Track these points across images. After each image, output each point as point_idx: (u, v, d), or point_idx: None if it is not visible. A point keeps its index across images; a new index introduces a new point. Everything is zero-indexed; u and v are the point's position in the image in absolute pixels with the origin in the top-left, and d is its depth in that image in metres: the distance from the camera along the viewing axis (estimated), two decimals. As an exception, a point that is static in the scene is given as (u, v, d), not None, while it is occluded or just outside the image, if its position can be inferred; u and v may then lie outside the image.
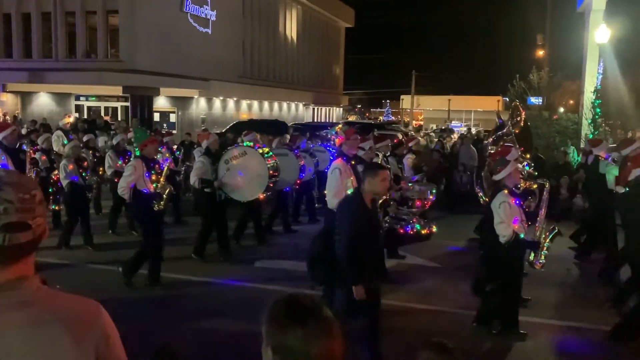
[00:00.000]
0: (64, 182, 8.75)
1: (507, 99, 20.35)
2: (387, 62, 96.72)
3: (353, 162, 6.50)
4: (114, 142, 10.50)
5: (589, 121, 14.47)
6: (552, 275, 7.69)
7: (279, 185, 9.42)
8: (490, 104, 57.36)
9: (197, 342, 5.61)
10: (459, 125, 51.75)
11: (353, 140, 6.72)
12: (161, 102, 30.40)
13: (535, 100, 19.55)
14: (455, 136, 23.98)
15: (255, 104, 40.19)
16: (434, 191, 8.81)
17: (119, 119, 26.46)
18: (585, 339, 5.96)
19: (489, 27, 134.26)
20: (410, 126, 49.22)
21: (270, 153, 8.98)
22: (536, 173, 8.23)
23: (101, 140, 13.96)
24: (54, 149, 11.93)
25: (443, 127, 42.37)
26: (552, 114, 17.65)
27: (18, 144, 8.70)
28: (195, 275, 7.78)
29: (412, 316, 6.50)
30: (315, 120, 46.85)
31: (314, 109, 51.10)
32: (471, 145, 14.21)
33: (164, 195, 7.16)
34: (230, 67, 32.83)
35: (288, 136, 15.78)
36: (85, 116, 26.75)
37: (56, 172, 9.51)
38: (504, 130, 8.70)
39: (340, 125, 6.90)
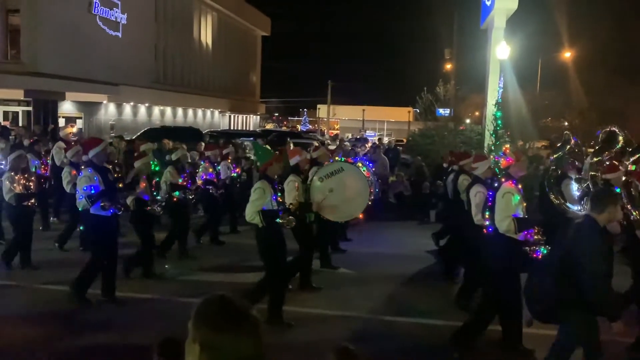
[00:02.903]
0: (67, 187, 8.84)
1: (417, 110, 21.12)
2: (304, 72, 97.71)
3: (520, 186, 6.02)
4: (174, 157, 9.32)
5: (491, 132, 15.28)
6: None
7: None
8: (401, 114, 59.32)
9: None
10: (373, 134, 53.06)
11: (523, 162, 6.09)
12: (67, 107, 28.91)
13: (443, 111, 20.42)
14: (368, 145, 24.54)
15: (169, 110, 39.21)
16: None
17: (20, 124, 24.85)
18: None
19: (402, 41, 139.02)
20: (327, 135, 49.92)
21: (365, 168, 8.07)
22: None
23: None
24: (56, 162, 11.02)
25: (358, 137, 43.27)
26: (457, 124, 18.53)
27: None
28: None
29: (331, 324, 6.57)
30: (232, 128, 46.40)
31: (230, 116, 50.59)
32: (382, 154, 14.62)
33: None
34: (142, 72, 31.86)
35: (203, 144, 15.53)
36: (-19, 121, 24.94)
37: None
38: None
39: (508, 146, 6.22)
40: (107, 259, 6.78)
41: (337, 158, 8.54)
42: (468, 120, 24.96)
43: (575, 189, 7.29)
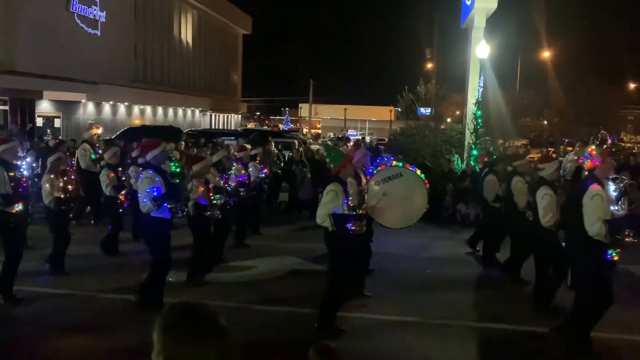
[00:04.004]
0: (107, 190, 8.73)
1: (399, 110, 21.20)
2: (286, 71, 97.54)
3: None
4: (215, 159, 9.19)
5: (471, 131, 15.42)
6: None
7: None
8: (383, 113, 59.48)
9: None
10: (355, 133, 53.16)
11: (609, 164, 5.92)
12: (44, 107, 28.46)
13: (424, 110, 20.53)
14: (350, 144, 24.58)
15: (149, 109, 38.84)
16: None
17: (-4, 123, 24.43)
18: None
19: (383, 40, 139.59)
20: (309, 134, 49.89)
21: (423, 175, 7.74)
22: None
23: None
24: (81, 164, 10.74)
25: (340, 136, 43.34)
26: (438, 124, 18.64)
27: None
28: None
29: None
30: (213, 127, 46.11)
31: (211, 115, 50.27)
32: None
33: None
34: (121, 71, 31.50)
35: (183, 143, 15.41)
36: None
37: (124, 191, 8.88)
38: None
39: (593, 147, 5.97)
40: (168, 262, 6.59)
41: (395, 163, 8.07)
42: (449, 119, 25.14)
43: (612, 189, 7.28)
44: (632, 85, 46.23)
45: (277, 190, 15.00)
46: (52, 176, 7.66)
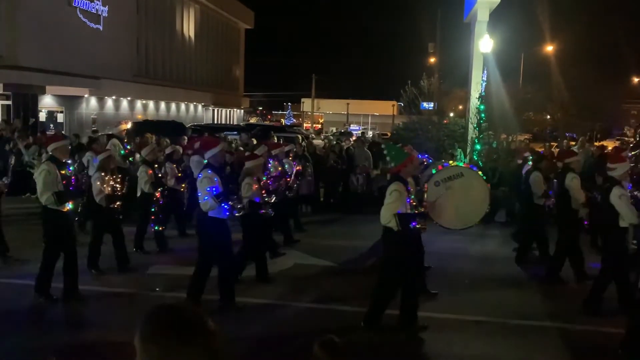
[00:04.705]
0: (145, 187, 8.55)
1: (401, 104, 21.16)
2: (288, 65, 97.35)
3: None
4: (274, 153, 9.12)
5: (475, 126, 15.38)
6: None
7: None
8: (385, 108, 59.48)
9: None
10: (358, 128, 53.16)
11: None
12: (47, 101, 28.52)
13: (427, 105, 20.49)
14: (353, 139, 24.62)
15: (151, 104, 38.87)
16: None
17: (0, 118, 24.47)
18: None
19: (385, 34, 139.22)
20: (311, 129, 49.87)
21: (484, 176, 7.57)
22: None
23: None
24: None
25: (342, 131, 43.34)
26: (441, 118, 18.60)
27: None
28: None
29: (315, 316, 6.58)
30: (215, 122, 46.13)
31: (213, 110, 50.29)
32: (365, 148, 14.63)
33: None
34: (123, 66, 31.52)
35: (186, 137, 15.42)
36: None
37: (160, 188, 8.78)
38: None
39: None
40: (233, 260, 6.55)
41: (453, 163, 7.99)
42: (452, 114, 25.09)
43: None
44: (635, 80, 46.07)
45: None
46: (102, 174, 7.60)
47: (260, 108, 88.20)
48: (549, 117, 33.96)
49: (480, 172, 7.40)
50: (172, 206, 9.67)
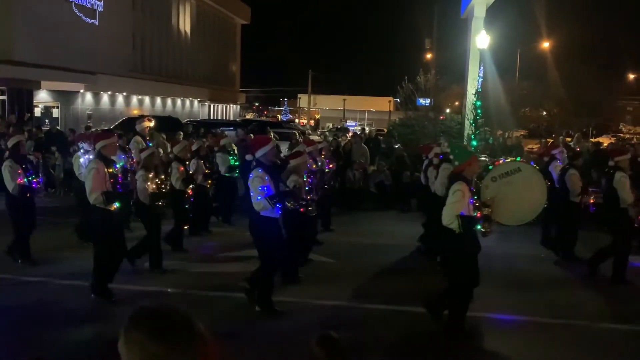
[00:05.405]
0: (177, 184, 8.41)
1: (398, 100, 21.16)
2: (284, 61, 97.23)
3: None
4: (307, 150, 8.94)
5: (471, 122, 15.39)
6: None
7: None
8: (382, 104, 59.41)
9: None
10: (354, 124, 53.12)
11: None
12: (43, 96, 28.38)
13: (423, 101, 20.50)
14: (350, 135, 24.64)
15: (147, 99, 38.73)
16: None
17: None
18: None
19: (382, 30, 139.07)
20: (307, 125, 49.83)
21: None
22: None
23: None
24: (134, 156, 10.48)
25: (339, 126, 43.32)
26: (438, 114, 18.62)
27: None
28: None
29: (316, 312, 6.58)
30: (212, 118, 46.02)
31: (210, 106, 50.16)
32: (363, 144, 14.64)
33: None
34: (119, 61, 31.38)
35: (182, 133, 15.38)
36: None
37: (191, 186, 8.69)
38: None
39: None
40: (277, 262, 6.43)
41: (511, 158, 7.79)
42: (448, 110, 25.10)
43: None
44: (631, 76, 46.14)
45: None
46: (146, 172, 7.49)
47: (257, 104, 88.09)
48: (545, 113, 33.99)
49: (537, 167, 7.27)
50: (200, 203, 9.57)
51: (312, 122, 59.09)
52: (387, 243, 9.98)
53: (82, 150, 9.05)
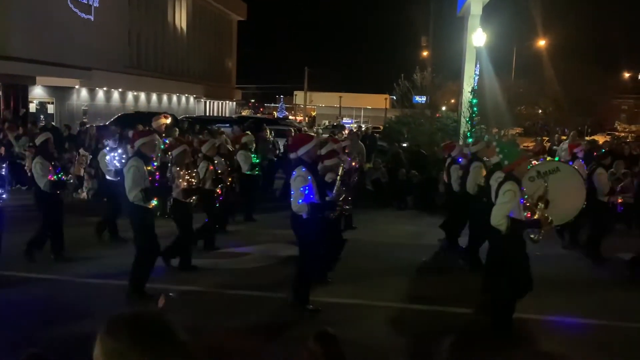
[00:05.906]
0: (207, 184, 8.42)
1: (394, 97, 21.17)
2: (281, 58, 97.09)
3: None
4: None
5: (467, 119, 15.43)
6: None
7: None
8: (378, 101, 59.45)
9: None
10: (350, 121, 53.16)
11: None
12: (38, 92, 28.27)
13: (419, 99, 20.52)
14: (346, 132, 24.65)
15: (143, 95, 38.63)
16: None
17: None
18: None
19: (378, 28, 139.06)
20: (303, 122, 49.80)
21: None
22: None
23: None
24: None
25: (335, 124, 43.35)
26: (434, 112, 18.65)
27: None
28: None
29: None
30: (208, 114, 45.93)
31: (205, 102, 50.07)
32: (359, 141, 14.65)
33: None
34: (115, 57, 31.25)
35: (177, 130, 15.34)
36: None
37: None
38: None
39: None
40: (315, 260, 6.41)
41: (549, 158, 7.74)
42: (444, 108, 25.13)
43: None
44: (626, 74, 46.31)
45: (272, 178, 15.00)
46: (177, 169, 7.48)
47: (253, 101, 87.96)
48: (540, 111, 34.06)
49: (575, 167, 7.17)
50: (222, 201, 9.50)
51: (307, 119, 59.07)
52: (384, 241, 9.99)
53: (107, 148, 9.11)
